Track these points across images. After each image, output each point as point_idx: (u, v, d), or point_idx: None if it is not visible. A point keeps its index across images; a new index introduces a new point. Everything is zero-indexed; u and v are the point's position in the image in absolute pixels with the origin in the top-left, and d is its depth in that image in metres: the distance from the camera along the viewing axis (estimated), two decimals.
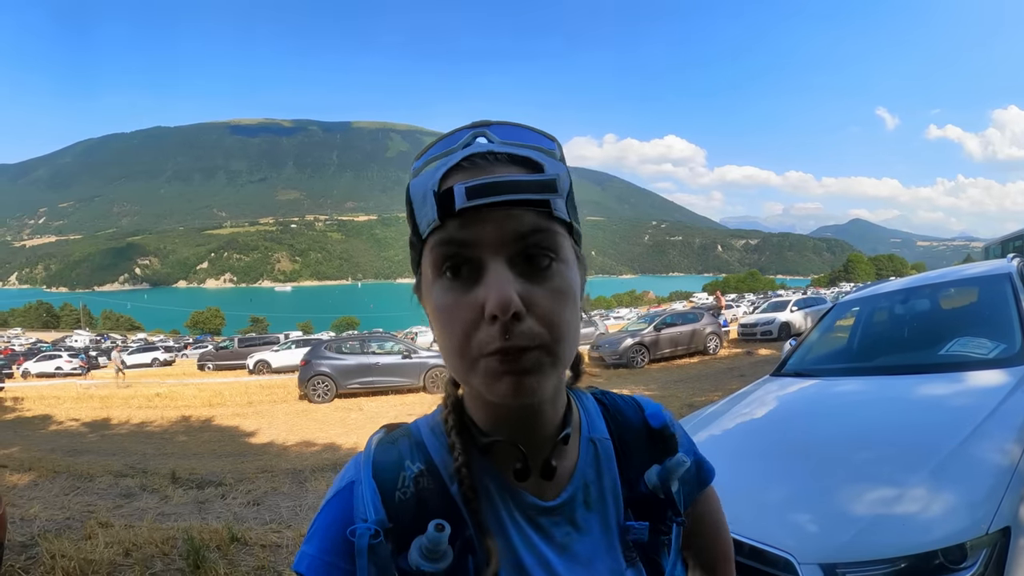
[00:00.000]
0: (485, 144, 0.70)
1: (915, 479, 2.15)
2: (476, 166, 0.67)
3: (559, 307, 0.66)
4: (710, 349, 21.11)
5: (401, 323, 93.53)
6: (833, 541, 2.00)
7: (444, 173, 0.67)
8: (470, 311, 0.64)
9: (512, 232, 0.65)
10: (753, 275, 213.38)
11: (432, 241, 0.66)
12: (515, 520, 0.75)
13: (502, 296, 0.61)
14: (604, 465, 0.84)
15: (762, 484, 2.47)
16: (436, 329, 0.69)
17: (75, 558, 4.28)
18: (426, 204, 0.66)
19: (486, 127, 0.72)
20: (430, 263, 0.68)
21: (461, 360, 0.66)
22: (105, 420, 14.95)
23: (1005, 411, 2.55)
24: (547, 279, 0.66)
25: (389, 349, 17.81)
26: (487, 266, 0.64)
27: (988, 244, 17.25)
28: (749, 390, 4.04)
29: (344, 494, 0.74)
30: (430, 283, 0.69)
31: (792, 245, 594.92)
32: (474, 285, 0.65)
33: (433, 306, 0.68)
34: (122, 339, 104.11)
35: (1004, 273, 3.99)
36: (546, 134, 0.75)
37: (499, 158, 0.68)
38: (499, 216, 0.64)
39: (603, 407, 0.91)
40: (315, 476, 7.86)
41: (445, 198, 0.64)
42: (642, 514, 0.82)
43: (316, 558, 0.71)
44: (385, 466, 0.75)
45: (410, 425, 0.83)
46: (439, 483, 0.74)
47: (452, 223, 0.65)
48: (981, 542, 1.86)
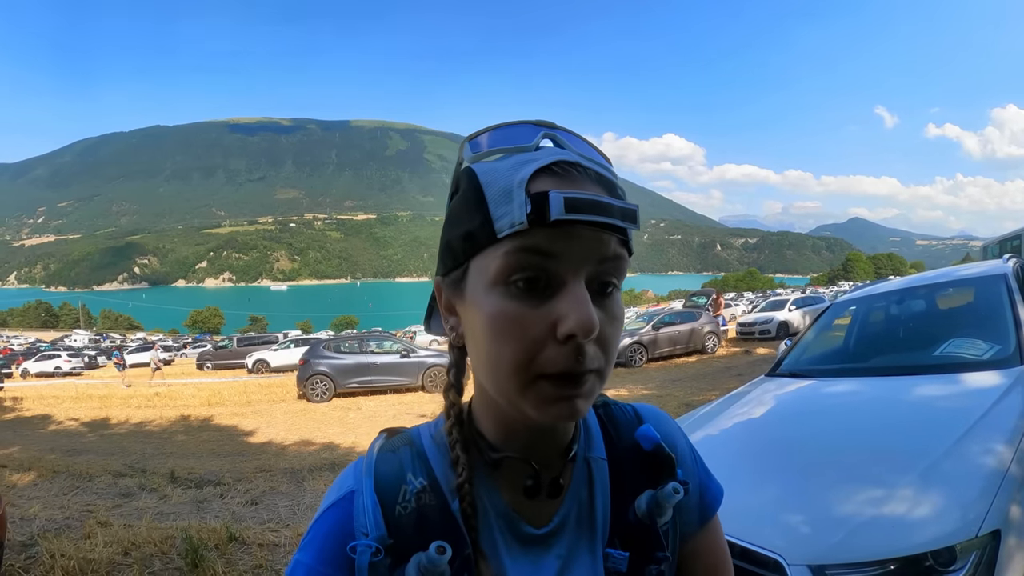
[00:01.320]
0: (572, 153, 0.66)
1: (906, 481, 2.15)
2: (567, 175, 0.63)
3: (616, 333, 0.66)
4: (708, 348, 21.13)
5: (400, 322, 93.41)
6: (822, 542, 2.00)
7: (534, 172, 0.62)
8: (539, 327, 0.61)
9: (597, 255, 0.62)
10: (752, 274, 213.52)
11: (511, 244, 0.61)
12: (508, 544, 0.74)
13: (587, 316, 0.59)
14: (597, 487, 0.80)
15: (753, 485, 2.45)
16: (486, 339, 0.64)
17: (74, 557, 4.29)
18: (511, 202, 0.61)
19: (553, 129, 0.69)
20: (498, 267, 0.62)
21: (516, 377, 0.62)
22: (104, 420, 14.95)
23: (998, 413, 2.55)
24: (609, 305, 0.65)
25: (387, 348, 17.82)
26: (568, 283, 0.61)
27: (986, 243, 17.27)
28: (743, 391, 4.04)
29: (344, 504, 0.72)
30: (487, 286, 0.63)
31: (791, 244, 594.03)
32: (547, 300, 0.61)
33: (489, 313, 0.63)
34: (121, 338, 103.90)
35: (999, 274, 3.99)
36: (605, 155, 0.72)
37: (588, 174, 0.65)
38: (588, 236, 0.61)
39: (602, 423, 0.87)
40: (313, 475, 7.87)
41: (538, 202, 0.59)
42: (628, 543, 0.78)
43: (313, 569, 0.69)
44: (387, 478, 0.73)
45: (411, 432, 0.80)
46: (440, 499, 0.72)
47: (540, 231, 0.60)
48: (971, 544, 1.86)
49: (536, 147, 0.66)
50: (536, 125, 0.69)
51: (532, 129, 0.68)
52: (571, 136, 0.70)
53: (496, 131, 0.69)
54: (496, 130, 0.69)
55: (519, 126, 0.69)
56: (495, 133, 0.69)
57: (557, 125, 0.70)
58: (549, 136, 0.68)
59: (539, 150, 0.66)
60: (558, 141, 0.68)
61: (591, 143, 0.71)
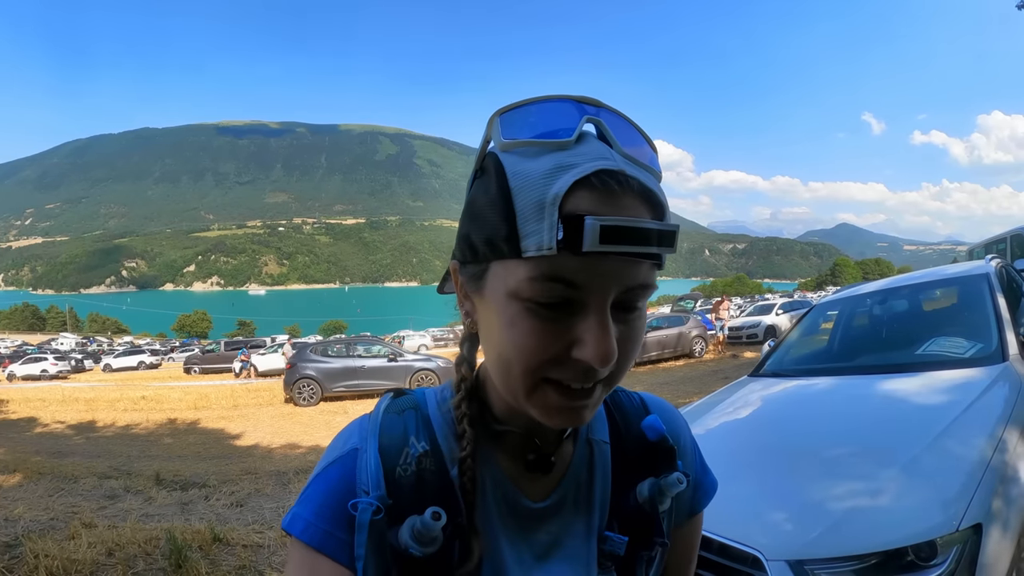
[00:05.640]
0: (615, 158, 0.59)
1: (886, 476, 2.16)
2: (607, 188, 0.57)
3: (633, 349, 0.64)
4: (696, 352, 21.22)
5: (389, 327, 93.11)
6: (802, 538, 2.01)
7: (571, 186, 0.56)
8: (556, 345, 0.60)
9: (626, 282, 0.59)
10: (740, 279, 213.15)
11: (536, 269, 0.57)
12: (502, 516, 0.74)
13: (605, 349, 0.58)
14: (598, 469, 0.81)
15: (733, 482, 2.39)
16: (499, 341, 0.63)
17: (59, 558, 4.26)
18: (541, 220, 0.56)
19: (597, 111, 0.63)
20: (520, 286, 0.59)
21: (523, 382, 0.62)
22: (91, 422, 14.85)
23: (979, 409, 2.57)
24: (632, 321, 0.63)
25: (375, 352, 17.79)
26: (590, 310, 0.59)
27: (972, 247, 17.42)
28: (727, 391, 4.06)
29: (347, 460, 0.72)
30: (507, 295, 0.60)
31: (779, 249, 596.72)
32: (568, 320, 0.59)
33: (508, 320, 0.61)
34: (108, 342, 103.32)
35: (982, 274, 4.03)
36: (650, 139, 0.66)
37: (631, 184, 0.58)
38: (619, 263, 0.57)
39: (607, 408, 0.87)
40: (299, 478, 7.85)
41: (571, 226, 0.55)
42: (627, 527, 0.79)
43: (312, 524, 0.69)
44: (390, 438, 0.73)
45: (417, 396, 0.80)
46: (440, 465, 0.72)
47: (569, 259, 0.56)
48: (952, 539, 1.87)
49: (577, 137, 0.60)
50: (578, 103, 0.63)
51: (573, 111, 0.62)
52: (617, 120, 0.64)
53: (532, 108, 0.63)
54: (532, 106, 0.63)
55: (559, 103, 0.62)
56: (531, 111, 0.62)
57: (602, 104, 0.64)
58: (592, 121, 0.62)
59: (580, 142, 0.60)
60: (602, 129, 0.62)
61: (637, 127, 0.65)
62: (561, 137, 0.59)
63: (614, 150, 0.60)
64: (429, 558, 0.66)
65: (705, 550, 2.11)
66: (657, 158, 0.65)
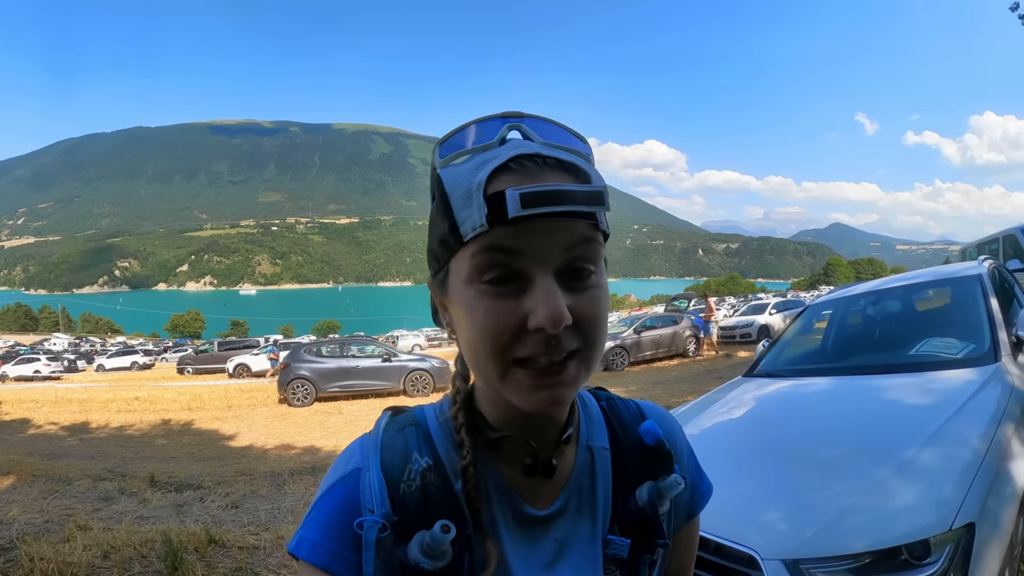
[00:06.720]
0: (531, 145, 0.66)
1: (880, 476, 2.18)
2: (525, 169, 0.63)
3: (597, 315, 0.66)
4: (690, 351, 21.29)
5: (382, 327, 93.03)
6: (797, 537, 2.02)
7: (491, 173, 0.62)
8: (512, 319, 0.62)
9: (562, 244, 0.63)
10: (734, 279, 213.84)
11: (475, 246, 0.63)
12: (508, 525, 0.75)
13: (553, 310, 0.60)
14: (599, 475, 0.83)
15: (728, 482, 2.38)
16: (466, 330, 0.67)
17: (54, 560, 4.25)
18: (471, 205, 0.62)
19: (520, 120, 0.70)
20: (468, 267, 0.64)
21: (494, 366, 0.65)
22: (84, 424, 14.77)
23: (971, 409, 2.60)
24: (588, 289, 0.66)
25: (369, 352, 17.75)
26: (535, 278, 0.62)
27: (965, 247, 17.46)
28: (721, 391, 4.08)
29: (350, 480, 0.73)
30: (463, 283, 0.66)
31: (773, 249, 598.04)
32: (518, 295, 0.63)
33: (467, 307, 0.65)
34: (101, 342, 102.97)
35: (975, 274, 4.04)
36: (579, 135, 0.73)
37: (548, 163, 0.64)
38: (550, 227, 0.62)
39: (606, 416, 0.89)
40: (294, 479, 7.82)
41: (496, 202, 0.61)
42: (628, 530, 0.81)
43: (319, 545, 0.70)
44: (392, 455, 0.74)
45: (416, 413, 0.82)
46: (444, 479, 0.73)
47: (501, 230, 0.61)
48: (946, 538, 1.88)
49: (501, 141, 0.68)
50: (502, 118, 0.70)
51: (497, 123, 0.69)
52: (539, 123, 0.71)
53: (463, 131, 0.70)
54: (463, 130, 0.70)
55: (485, 122, 0.70)
56: (462, 134, 0.70)
57: (524, 114, 0.71)
58: (516, 127, 0.69)
59: (504, 144, 0.67)
60: (525, 132, 0.69)
61: (562, 125, 0.72)
62: (486, 142, 0.67)
63: (534, 143, 0.67)
64: (440, 572, 0.67)
65: (701, 550, 2.11)
66: (588, 148, 0.72)
